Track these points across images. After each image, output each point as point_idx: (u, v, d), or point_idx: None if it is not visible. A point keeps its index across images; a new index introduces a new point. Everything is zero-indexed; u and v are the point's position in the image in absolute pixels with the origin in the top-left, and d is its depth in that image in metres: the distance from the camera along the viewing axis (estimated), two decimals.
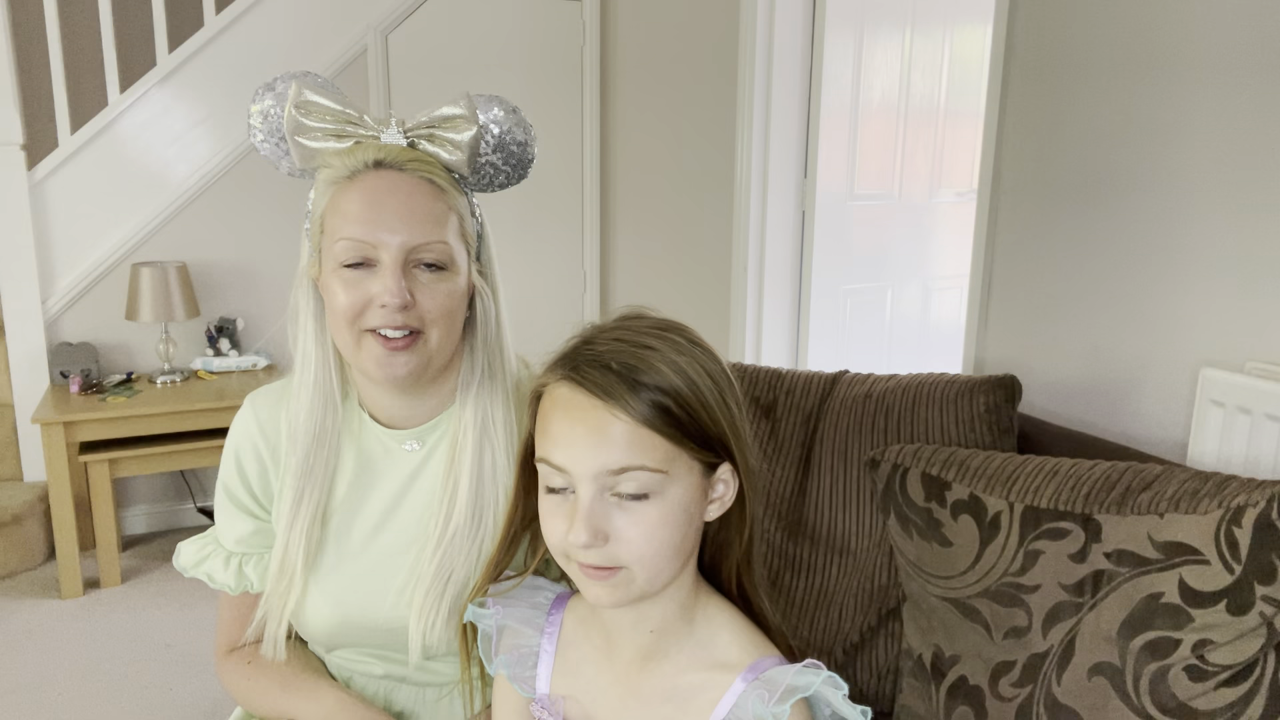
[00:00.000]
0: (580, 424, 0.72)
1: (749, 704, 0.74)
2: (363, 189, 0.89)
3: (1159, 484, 1.05)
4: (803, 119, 2.96)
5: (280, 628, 0.99)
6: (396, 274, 0.88)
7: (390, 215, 0.88)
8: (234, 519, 1.04)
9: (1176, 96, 1.42)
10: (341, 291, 0.89)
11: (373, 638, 1.01)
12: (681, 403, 0.72)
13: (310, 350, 0.97)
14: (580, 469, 0.72)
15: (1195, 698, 0.95)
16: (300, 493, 0.97)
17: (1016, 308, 1.75)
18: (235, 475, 1.03)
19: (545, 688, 0.84)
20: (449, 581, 0.95)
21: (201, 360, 2.94)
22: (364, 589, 0.99)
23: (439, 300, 0.91)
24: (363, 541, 1.00)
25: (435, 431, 1.00)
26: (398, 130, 0.92)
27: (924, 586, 1.20)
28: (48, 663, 2.28)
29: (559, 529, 0.74)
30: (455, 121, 0.92)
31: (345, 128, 0.92)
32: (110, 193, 2.87)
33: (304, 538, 0.97)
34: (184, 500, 3.10)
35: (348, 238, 0.89)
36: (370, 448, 1.01)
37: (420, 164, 0.92)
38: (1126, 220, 1.51)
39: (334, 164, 0.91)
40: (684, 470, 0.74)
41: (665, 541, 0.73)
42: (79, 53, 3.42)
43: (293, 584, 0.98)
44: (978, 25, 3.06)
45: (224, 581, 1.03)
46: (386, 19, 3.08)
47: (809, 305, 3.05)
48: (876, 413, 1.41)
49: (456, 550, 0.96)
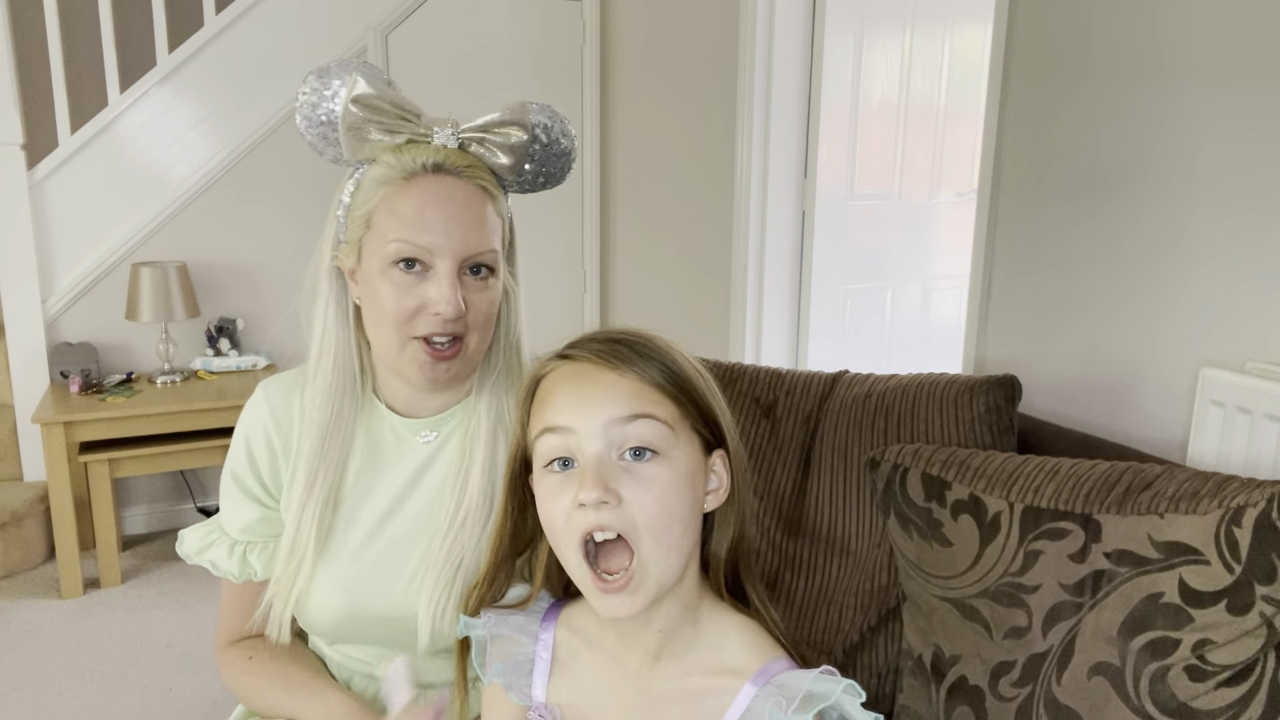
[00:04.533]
0: (587, 384, 0.73)
1: (764, 710, 0.73)
2: (422, 192, 0.90)
3: (1159, 484, 1.05)
4: (803, 119, 2.96)
5: (286, 611, 0.99)
6: (454, 282, 0.90)
7: (450, 222, 0.90)
8: (240, 506, 1.03)
9: (1176, 96, 1.42)
10: (392, 295, 0.90)
11: (379, 629, 1.00)
12: (681, 374, 0.75)
13: (330, 336, 0.98)
14: (588, 424, 0.71)
15: (1195, 698, 0.95)
16: (314, 476, 0.97)
17: (1016, 308, 1.75)
18: (245, 462, 1.03)
19: (542, 696, 0.84)
20: (460, 567, 0.95)
21: (201, 360, 2.94)
22: (373, 576, 0.99)
23: (484, 306, 0.93)
24: (372, 528, 1.00)
25: (450, 422, 1.01)
26: (452, 132, 0.93)
27: (924, 586, 1.20)
28: (48, 663, 2.28)
29: (563, 503, 0.72)
30: (508, 128, 0.94)
31: (400, 124, 0.92)
32: (110, 193, 2.87)
33: (316, 520, 0.97)
34: (184, 500, 3.10)
35: (404, 240, 0.89)
36: (383, 435, 1.01)
37: (474, 170, 0.93)
38: (1127, 220, 1.51)
39: (389, 162, 0.92)
40: (686, 439, 0.74)
41: (675, 508, 0.72)
42: (79, 53, 3.42)
43: (301, 566, 0.97)
44: (978, 25, 3.06)
45: (227, 569, 1.03)
46: (386, 19, 3.08)
47: (809, 305, 3.05)
48: (876, 413, 1.41)
49: (467, 536, 0.96)
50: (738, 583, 0.83)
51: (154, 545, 2.96)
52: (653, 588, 0.73)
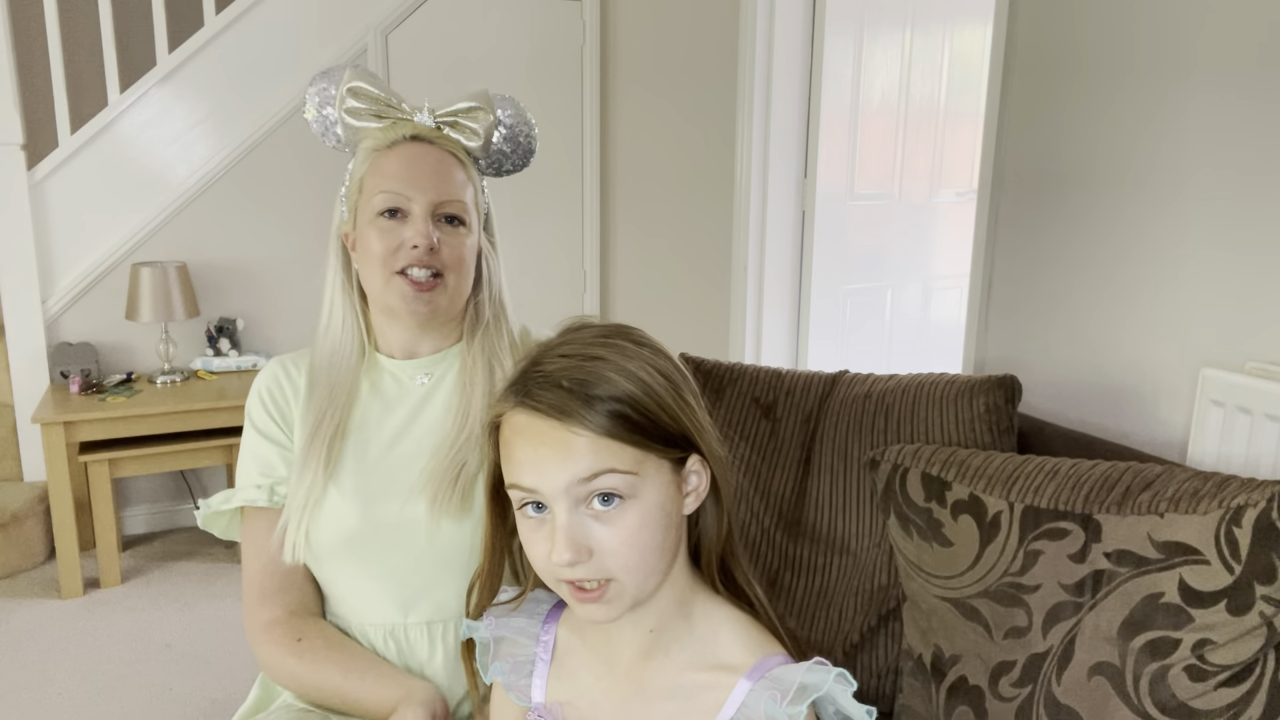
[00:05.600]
0: (543, 445, 0.72)
1: (759, 704, 0.74)
2: (401, 154, 1.08)
3: (1159, 484, 1.05)
4: (803, 119, 2.96)
5: (300, 530, 1.07)
6: (427, 221, 1.06)
7: (422, 175, 1.07)
8: (261, 448, 1.13)
9: (1177, 96, 1.42)
10: (377, 238, 1.06)
11: (385, 537, 1.06)
12: (638, 408, 0.73)
13: (337, 298, 1.14)
14: (550, 486, 0.72)
15: (1195, 698, 0.95)
16: (321, 415, 1.10)
17: (1016, 308, 1.75)
18: (259, 406, 1.14)
19: (541, 696, 0.84)
20: (462, 470, 1.06)
21: (201, 360, 2.94)
22: (381, 485, 1.08)
23: (457, 249, 1.09)
24: (380, 453, 1.10)
25: (442, 363, 1.15)
26: (429, 114, 1.11)
27: (924, 586, 1.20)
28: (48, 663, 2.28)
29: (541, 551, 0.74)
30: (475, 112, 1.12)
31: (385, 109, 1.10)
32: (110, 193, 2.87)
33: (325, 448, 1.08)
34: (184, 500, 3.10)
35: (386, 190, 1.06)
36: (383, 382, 1.14)
37: (447, 140, 1.12)
38: (1127, 220, 1.51)
39: (376, 135, 1.10)
40: (653, 470, 0.74)
41: (648, 544, 0.73)
42: (79, 53, 3.42)
43: (312, 488, 1.07)
44: (978, 25, 3.06)
45: (255, 496, 1.10)
46: (386, 19, 3.08)
47: (809, 305, 3.05)
48: (876, 413, 1.41)
49: (471, 449, 1.06)
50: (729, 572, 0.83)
51: (154, 545, 2.96)
52: (629, 600, 0.74)
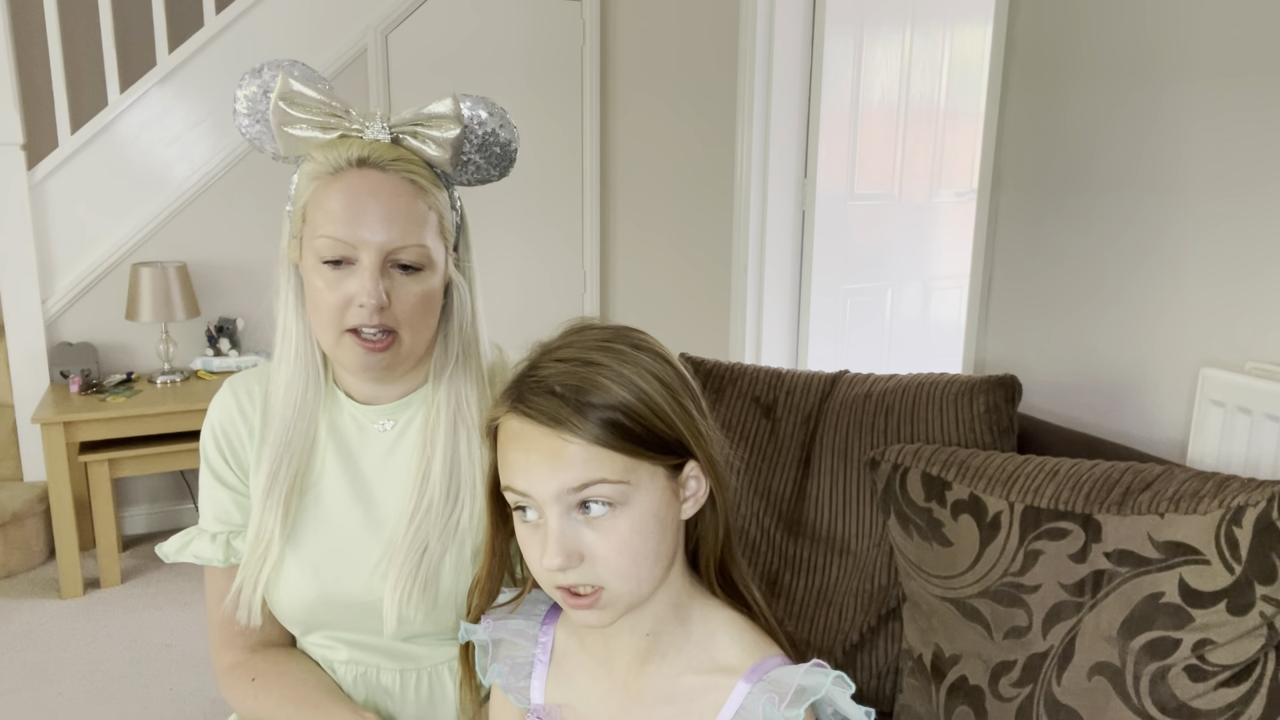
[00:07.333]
0: (535, 452, 0.72)
1: (758, 707, 0.74)
2: (345, 188, 0.91)
3: (1159, 484, 1.05)
4: (803, 119, 2.96)
5: (255, 595, 0.99)
6: (375, 275, 0.90)
7: (371, 217, 0.90)
8: (216, 493, 1.04)
9: (1176, 96, 1.42)
10: (324, 288, 0.92)
11: (348, 615, 1.00)
12: (633, 416, 0.72)
13: (291, 327, 1.00)
14: (541, 493, 0.72)
15: (1195, 698, 0.95)
16: (278, 464, 0.99)
17: (1016, 308, 1.75)
18: (214, 447, 1.04)
19: (540, 698, 0.84)
20: (424, 554, 0.96)
21: (201, 360, 2.94)
22: (340, 562, 1.00)
23: (411, 301, 0.93)
24: (339, 515, 1.01)
25: (408, 410, 1.02)
26: (382, 126, 0.93)
27: (924, 586, 1.20)
28: (48, 663, 2.28)
29: (535, 555, 0.74)
30: (441, 120, 0.93)
31: (330, 120, 0.92)
32: (110, 193, 2.87)
33: (281, 505, 0.98)
34: (184, 500, 3.10)
35: (329, 236, 0.90)
36: (344, 424, 1.03)
37: (403, 162, 0.93)
38: (1126, 220, 1.51)
39: (318, 158, 0.92)
40: (647, 478, 0.73)
41: (640, 551, 0.73)
42: (79, 53, 3.41)
43: (269, 551, 0.98)
44: (978, 25, 3.06)
45: (211, 555, 1.03)
46: (386, 19, 3.08)
47: (809, 305, 3.05)
48: (876, 413, 1.41)
49: (431, 524, 0.97)
50: (728, 575, 0.83)
51: (154, 545, 2.96)
52: (623, 607, 0.74)
